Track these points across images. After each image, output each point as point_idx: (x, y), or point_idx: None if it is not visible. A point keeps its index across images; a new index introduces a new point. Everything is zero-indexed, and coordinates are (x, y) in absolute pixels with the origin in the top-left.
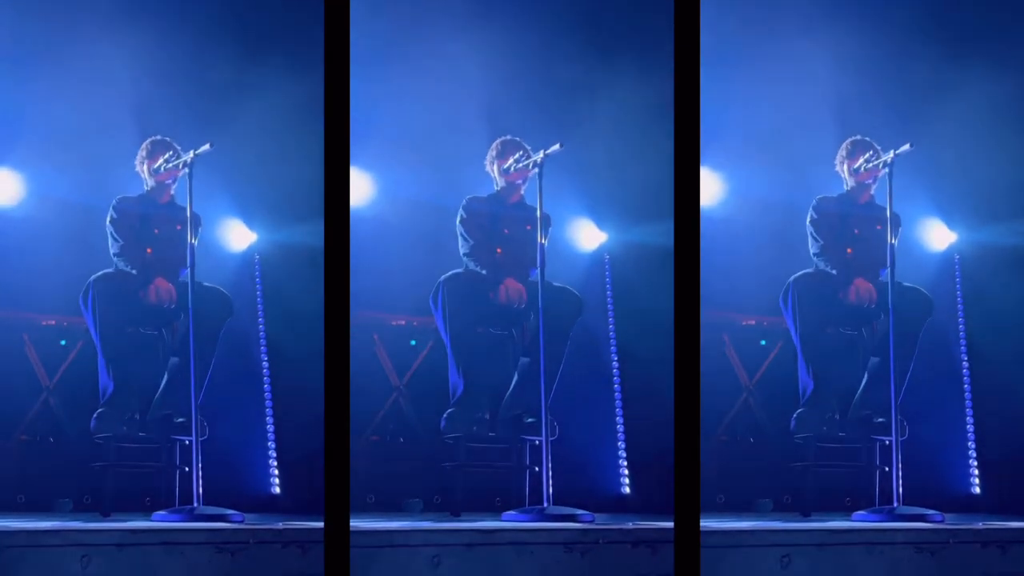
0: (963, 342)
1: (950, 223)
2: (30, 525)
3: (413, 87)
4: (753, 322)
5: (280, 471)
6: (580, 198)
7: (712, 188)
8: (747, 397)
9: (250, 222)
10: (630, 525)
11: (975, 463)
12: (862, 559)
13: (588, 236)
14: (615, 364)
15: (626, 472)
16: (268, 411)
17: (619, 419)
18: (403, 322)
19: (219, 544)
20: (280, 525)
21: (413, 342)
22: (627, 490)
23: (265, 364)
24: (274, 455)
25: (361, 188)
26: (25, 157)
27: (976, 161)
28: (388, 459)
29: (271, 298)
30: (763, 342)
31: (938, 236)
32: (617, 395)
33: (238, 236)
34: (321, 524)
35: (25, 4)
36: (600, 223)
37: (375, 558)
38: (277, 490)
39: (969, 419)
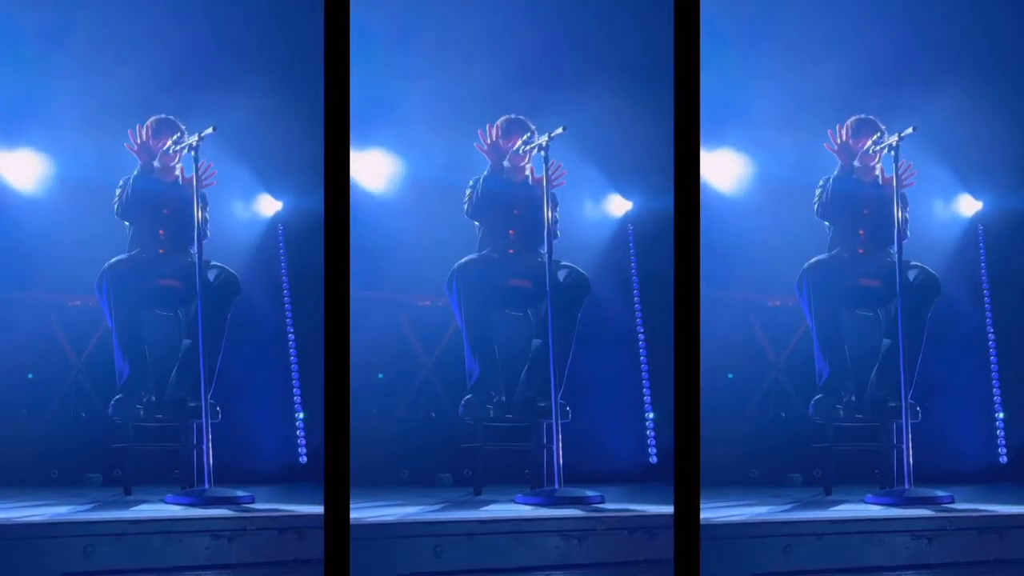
0: (988, 311)
1: (975, 192)
2: (36, 519)
3: (438, 67)
4: (779, 303)
5: (307, 440)
6: (603, 168)
7: (737, 170)
8: (776, 375)
9: (274, 191)
10: (629, 512)
11: (1002, 432)
12: (861, 546)
13: (613, 206)
14: (640, 333)
15: (654, 442)
16: (295, 380)
17: (646, 388)
18: (428, 303)
19: (215, 532)
20: (277, 511)
21: (381, 375)
22: (655, 460)
23: (291, 334)
24: (301, 424)
25: (387, 170)
26: (48, 138)
27: (999, 129)
28: (419, 434)
29: (296, 265)
30: (730, 375)
31: (963, 205)
32: (643, 364)
33: (263, 205)
34: (318, 509)
35: None
36: (625, 192)
37: (375, 547)
38: (304, 460)
39: (996, 389)
